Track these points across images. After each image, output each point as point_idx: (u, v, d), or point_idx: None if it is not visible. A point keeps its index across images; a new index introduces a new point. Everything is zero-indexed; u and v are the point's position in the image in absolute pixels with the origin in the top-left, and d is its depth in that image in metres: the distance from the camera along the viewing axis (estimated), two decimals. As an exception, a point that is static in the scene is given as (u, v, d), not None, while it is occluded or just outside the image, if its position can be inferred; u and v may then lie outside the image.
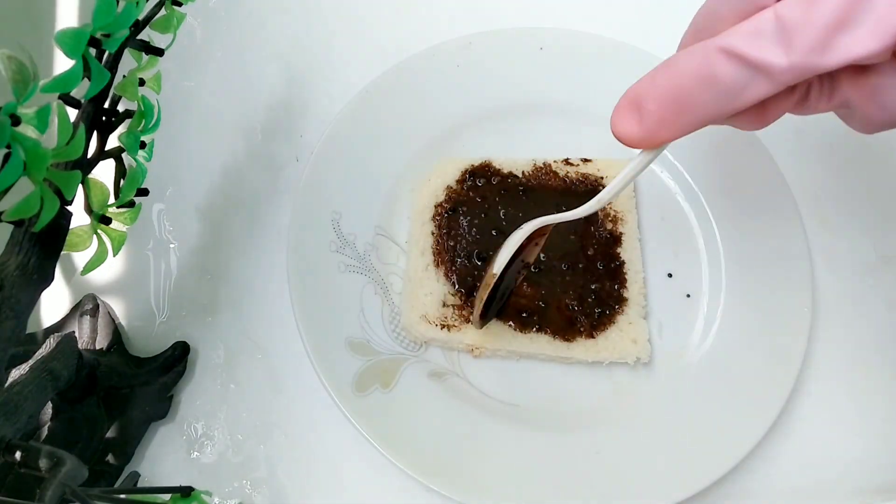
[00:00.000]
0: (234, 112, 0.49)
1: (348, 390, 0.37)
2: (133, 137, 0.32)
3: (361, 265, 0.42)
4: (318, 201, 0.43)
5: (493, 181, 0.44)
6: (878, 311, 0.42)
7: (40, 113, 0.24)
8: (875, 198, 0.45)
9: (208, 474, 0.39)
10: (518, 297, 0.40)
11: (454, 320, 0.40)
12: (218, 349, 0.42)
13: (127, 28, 0.29)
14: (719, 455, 0.36)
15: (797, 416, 0.39)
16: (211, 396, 0.41)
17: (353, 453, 0.39)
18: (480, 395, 0.39)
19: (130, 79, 0.32)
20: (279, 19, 0.53)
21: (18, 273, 0.28)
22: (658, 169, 0.45)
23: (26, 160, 0.24)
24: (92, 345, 0.41)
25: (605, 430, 0.38)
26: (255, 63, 0.51)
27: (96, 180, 0.31)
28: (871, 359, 0.41)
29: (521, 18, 0.50)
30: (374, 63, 0.47)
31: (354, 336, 0.40)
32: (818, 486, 0.38)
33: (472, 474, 0.36)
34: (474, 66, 0.47)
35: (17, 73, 0.23)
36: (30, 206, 0.25)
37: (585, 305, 0.40)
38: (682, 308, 0.41)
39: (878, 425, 0.39)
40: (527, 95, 0.47)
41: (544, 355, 0.39)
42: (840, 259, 0.43)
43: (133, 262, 0.45)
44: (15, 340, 0.28)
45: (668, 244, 0.43)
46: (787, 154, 0.44)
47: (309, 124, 0.48)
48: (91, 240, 0.31)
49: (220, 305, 0.44)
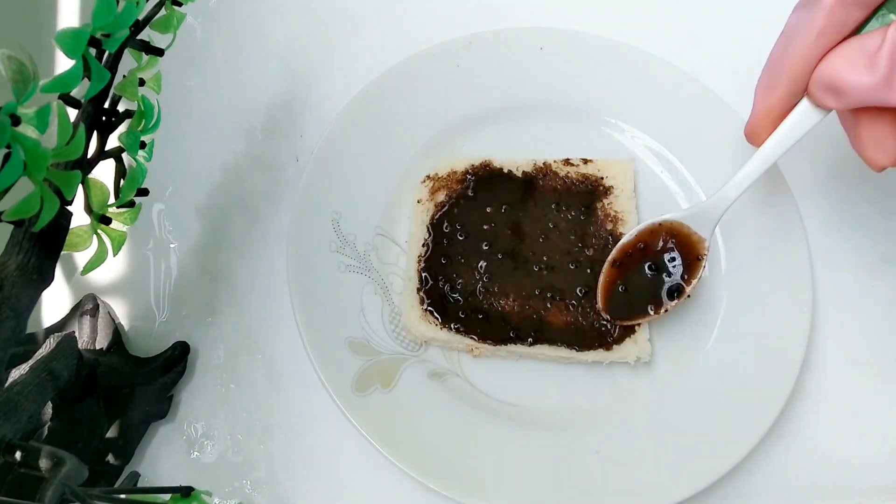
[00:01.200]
0: (234, 112, 0.49)
1: (348, 390, 0.37)
2: (133, 137, 0.32)
3: (361, 265, 0.42)
4: (318, 201, 0.43)
5: (492, 181, 0.44)
6: (878, 311, 0.42)
7: (40, 113, 0.24)
8: (875, 198, 0.45)
9: (208, 474, 0.39)
10: (519, 300, 0.40)
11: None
12: (218, 349, 0.42)
13: (127, 28, 0.29)
14: (719, 455, 0.36)
15: (797, 417, 0.39)
16: (211, 396, 0.41)
17: (353, 453, 0.39)
18: (480, 395, 0.39)
19: (130, 79, 0.32)
20: (279, 19, 0.53)
21: (18, 273, 0.28)
22: (658, 169, 0.45)
23: (26, 160, 0.24)
24: (92, 345, 0.41)
25: (605, 430, 0.38)
26: (255, 63, 0.51)
27: (96, 180, 0.31)
28: (871, 359, 0.41)
29: (521, 18, 0.49)
30: (374, 63, 0.47)
31: (354, 336, 0.40)
32: (818, 486, 0.38)
33: (472, 474, 0.36)
34: (474, 66, 0.47)
35: (17, 73, 0.23)
36: (30, 206, 0.25)
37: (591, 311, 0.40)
38: (682, 308, 0.41)
39: (878, 425, 0.39)
40: (527, 95, 0.47)
41: (544, 355, 0.39)
42: (840, 259, 0.43)
43: (133, 262, 0.45)
44: (15, 340, 0.28)
45: (668, 244, 0.43)
46: (787, 154, 0.44)
47: (309, 124, 0.48)
48: (91, 240, 0.31)
49: (220, 305, 0.43)
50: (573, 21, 0.48)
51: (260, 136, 0.49)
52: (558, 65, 0.47)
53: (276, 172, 0.47)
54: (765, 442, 0.36)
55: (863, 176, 0.46)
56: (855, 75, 0.29)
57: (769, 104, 0.34)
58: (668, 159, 0.45)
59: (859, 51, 0.29)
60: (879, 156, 0.32)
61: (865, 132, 0.31)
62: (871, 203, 0.45)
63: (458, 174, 0.44)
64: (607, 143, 0.46)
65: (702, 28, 0.49)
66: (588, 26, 0.47)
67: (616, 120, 0.46)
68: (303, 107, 0.49)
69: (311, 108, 0.49)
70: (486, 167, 0.44)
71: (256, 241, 0.45)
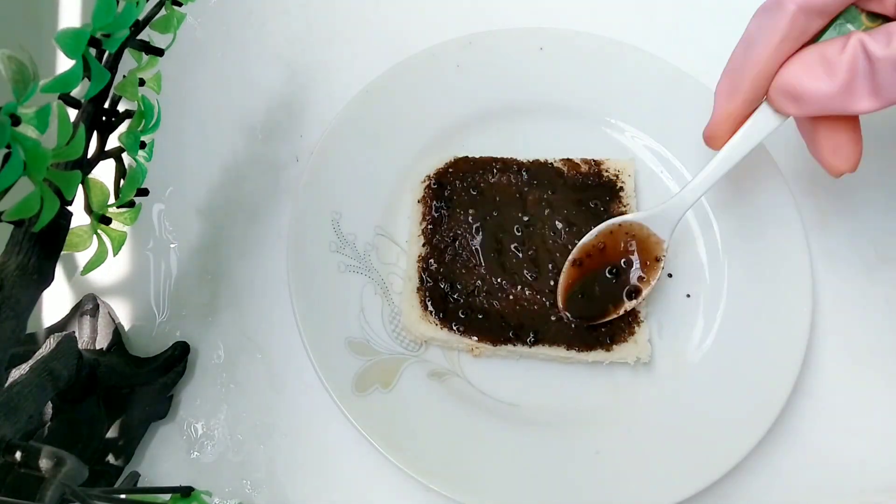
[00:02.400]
0: (234, 112, 0.49)
1: (348, 390, 0.37)
2: (133, 137, 0.32)
3: (361, 265, 0.42)
4: (318, 201, 0.43)
5: (492, 181, 0.44)
6: (878, 311, 0.42)
7: (40, 113, 0.24)
8: (875, 198, 0.45)
9: (208, 474, 0.39)
10: (521, 303, 0.40)
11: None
12: (218, 349, 0.42)
13: (127, 28, 0.29)
14: (719, 455, 0.36)
15: (797, 416, 0.39)
16: (211, 396, 0.41)
17: (353, 453, 0.39)
18: (480, 395, 0.39)
19: (130, 79, 0.32)
20: (279, 19, 0.53)
21: (18, 273, 0.28)
22: (658, 169, 0.45)
23: (26, 160, 0.24)
24: (92, 345, 0.41)
25: (605, 430, 0.38)
26: (255, 63, 0.51)
27: (96, 180, 0.31)
28: (871, 359, 0.41)
29: (521, 18, 0.49)
30: (374, 63, 0.47)
31: (354, 336, 0.40)
32: (818, 486, 0.38)
33: (472, 474, 0.36)
34: (474, 66, 0.47)
35: (17, 73, 0.23)
36: (30, 206, 0.25)
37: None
38: (682, 308, 0.41)
39: (878, 425, 0.39)
40: (527, 95, 0.47)
41: (544, 355, 0.39)
42: (840, 259, 0.43)
43: (133, 262, 0.45)
44: (15, 340, 0.28)
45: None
46: (787, 154, 0.44)
47: (309, 124, 0.48)
48: (91, 240, 0.31)
49: (220, 305, 0.44)
50: (573, 21, 0.48)
51: (260, 136, 0.49)
52: (558, 65, 0.47)
53: (276, 172, 0.47)
54: (765, 442, 0.36)
55: (863, 176, 0.46)
56: (815, 83, 0.29)
57: (730, 109, 0.34)
58: (668, 159, 0.45)
59: (820, 59, 0.29)
60: (838, 162, 0.32)
61: (823, 139, 0.32)
62: (870, 203, 0.45)
63: (458, 174, 0.44)
64: (607, 143, 0.46)
65: (702, 28, 0.49)
66: (588, 26, 0.47)
67: (616, 120, 0.46)
68: (303, 107, 0.49)
69: (311, 108, 0.49)
70: (486, 167, 0.44)
71: (256, 241, 0.45)
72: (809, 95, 0.30)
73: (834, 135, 0.32)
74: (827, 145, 0.32)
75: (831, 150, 0.32)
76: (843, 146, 0.32)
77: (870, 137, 0.47)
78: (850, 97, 0.29)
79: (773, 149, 0.43)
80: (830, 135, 0.32)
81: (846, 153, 0.32)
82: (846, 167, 0.32)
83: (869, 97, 0.28)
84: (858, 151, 0.32)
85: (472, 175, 0.44)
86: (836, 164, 0.32)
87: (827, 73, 0.29)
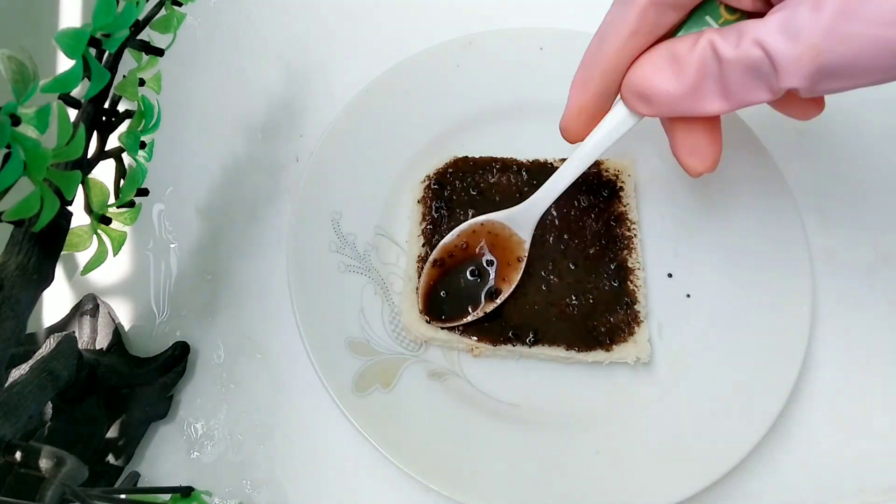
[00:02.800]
0: (234, 112, 0.49)
1: (348, 390, 0.37)
2: (133, 137, 0.32)
3: (361, 265, 0.42)
4: (318, 201, 0.43)
5: (492, 181, 0.44)
6: (878, 311, 0.42)
7: (40, 113, 0.24)
8: (875, 198, 0.45)
9: (208, 474, 0.39)
10: (522, 304, 0.40)
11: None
12: (218, 349, 0.42)
13: (127, 28, 0.29)
14: (719, 455, 0.36)
15: (797, 417, 0.39)
16: (211, 396, 0.41)
17: (353, 453, 0.39)
18: (480, 395, 0.39)
19: (130, 79, 0.32)
20: (279, 19, 0.53)
21: (18, 273, 0.28)
22: (658, 169, 0.45)
23: (26, 160, 0.24)
24: (92, 345, 0.41)
25: (604, 430, 0.38)
26: (255, 63, 0.51)
27: (96, 180, 0.31)
28: (871, 359, 0.41)
29: (521, 18, 0.49)
30: (374, 63, 0.47)
31: (354, 336, 0.40)
32: (818, 486, 0.38)
33: (472, 474, 0.36)
34: (474, 66, 0.47)
35: (17, 73, 0.23)
36: (30, 206, 0.25)
37: (594, 311, 0.40)
38: (682, 308, 0.41)
39: (878, 425, 0.39)
40: (527, 95, 0.47)
41: (544, 355, 0.39)
42: (840, 259, 0.43)
43: (133, 262, 0.45)
44: (15, 340, 0.28)
45: (668, 244, 0.43)
46: (787, 154, 0.44)
47: (309, 124, 0.48)
48: (91, 240, 0.31)
49: (220, 305, 0.44)
50: (573, 21, 0.48)
51: (260, 136, 0.49)
52: (558, 65, 0.46)
53: (276, 172, 0.47)
54: (765, 442, 0.36)
55: (863, 176, 0.46)
56: (663, 83, 0.28)
57: (582, 102, 0.32)
58: (669, 159, 0.45)
59: (669, 57, 0.28)
60: (695, 162, 0.31)
61: (680, 139, 0.31)
62: (870, 203, 0.45)
63: (458, 174, 0.44)
64: (607, 143, 0.46)
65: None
66: (588, 26, 0.47)
67: (616, 120, 0.46)
68: (303, 107, 0.49)
69: (311, 108, 0.49)
70: (486, 167, 0.44)
71: (256, 241, 0.45)
72: (658, 96, 0.28)
73: (690, 135, 0.30)
74: (684, 145, 0.31)
75: (688, 150, 0.31)
76: (701, 147, 0.30)
77: (870, 137, 0.47)
78: (700, 98, 0.27)
79: (774, 149, 0.43)
80: (686, 135, 0.30)
81: (703, 154, 0.30)
82: (703, 168, 0.31)
83: (719, 99, 0.27)
84: (716, 152, 0.31)
85: (472, 175, 0.44)
86: (693, 165, 0.31)
87: (675, 72, 0.27)
